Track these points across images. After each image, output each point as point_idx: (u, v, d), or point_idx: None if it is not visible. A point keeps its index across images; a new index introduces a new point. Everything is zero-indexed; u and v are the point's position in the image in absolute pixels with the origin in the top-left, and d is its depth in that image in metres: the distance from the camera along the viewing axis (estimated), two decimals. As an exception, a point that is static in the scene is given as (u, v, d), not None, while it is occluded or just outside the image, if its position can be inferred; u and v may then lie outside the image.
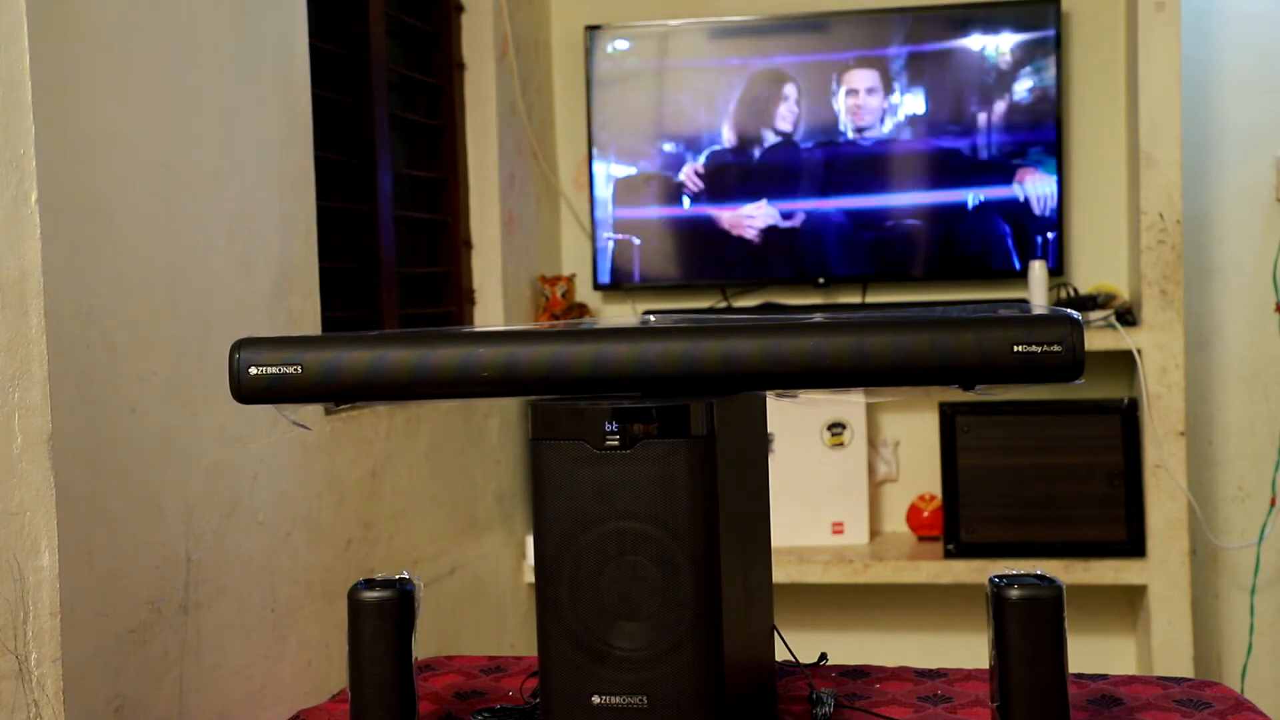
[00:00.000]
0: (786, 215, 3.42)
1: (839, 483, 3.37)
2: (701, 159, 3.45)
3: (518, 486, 3.27)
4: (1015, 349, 1.26)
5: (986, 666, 1.40)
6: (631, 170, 3.49)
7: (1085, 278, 3.40)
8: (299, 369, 1.37)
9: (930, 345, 1.28)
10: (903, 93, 3.38)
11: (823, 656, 1.67)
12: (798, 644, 1.58)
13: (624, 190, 3.50)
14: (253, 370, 1.38)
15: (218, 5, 2.01)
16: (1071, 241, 3.42)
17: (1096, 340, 3.07)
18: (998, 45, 3.33)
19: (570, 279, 3.47)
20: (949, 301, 3.40)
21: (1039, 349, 1.26)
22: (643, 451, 1.26)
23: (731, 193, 3.45)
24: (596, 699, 1.28)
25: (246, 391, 1.39)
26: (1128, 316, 3.15)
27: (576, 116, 3.59)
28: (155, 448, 1.82)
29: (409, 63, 3.03)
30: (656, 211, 3.49)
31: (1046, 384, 1.28)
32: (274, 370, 1.38)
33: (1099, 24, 3.39)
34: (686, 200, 3.47)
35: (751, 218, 3.42)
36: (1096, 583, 3.14)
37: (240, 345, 1.39)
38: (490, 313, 3.20)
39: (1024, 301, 3.23)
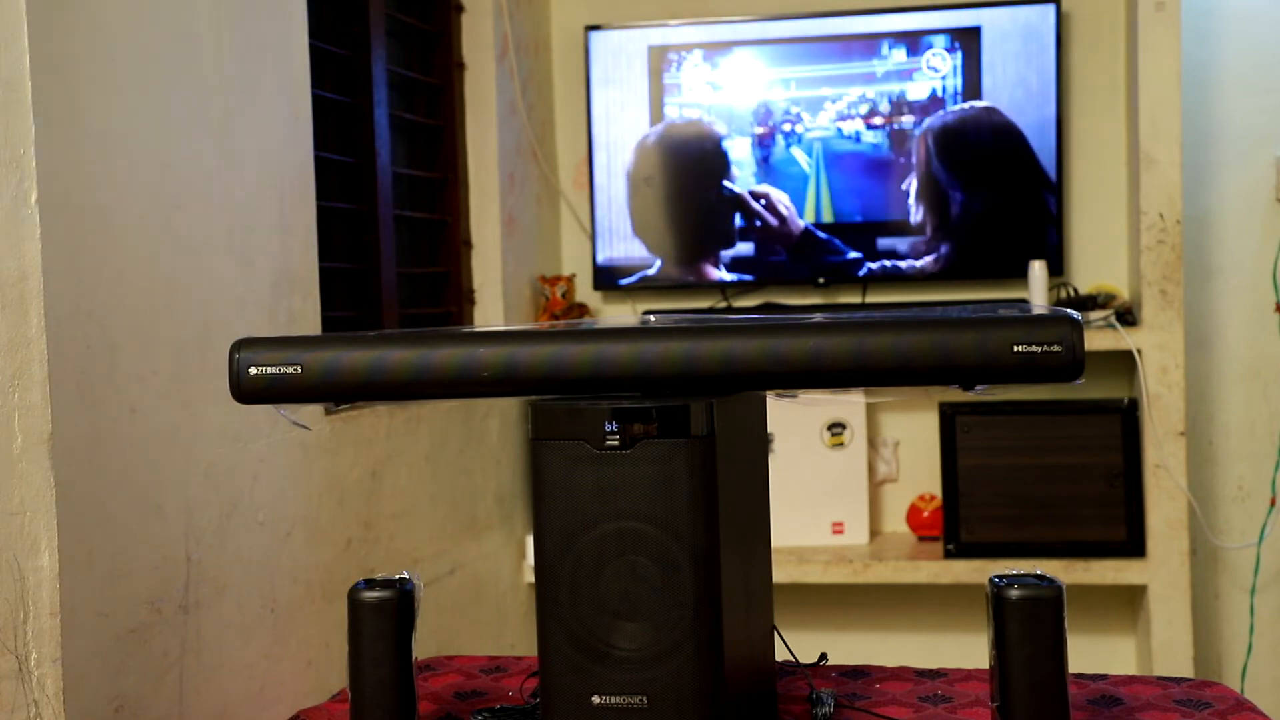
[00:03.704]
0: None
1: (839, 483, 3.37)
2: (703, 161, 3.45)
3: (518, 486, 3.27)
4: (1015, 349, 1.26)
5: (986, 666, 1.40)
6: (631, 170, 3.48)
7: (1085, 278, 3.40)
8: (299, 369, 1.37)
9: (930, 345, 1.28)
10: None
11: (823, 656, 1.67)
12: (798, 644, 1.58)
13: (623, 190, 3.49)
14: (253, 370, 1.38)
15: (218, 5, 2.01)
16: (1071, 241, 3.42)
17: (1096, 340, 3.07)
18: (998, 45, 3.32)
19: (570, 279, 3.47)
20: (949, 301, 3.40)
21: (1039, 349, 1.26)
22: (642, 451, 1.26)
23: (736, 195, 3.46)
24: (596, 699, 1.28)
25: (246, 391, 1.39)
26: (1128, 316, 3.15)
27: (576, 116, 3.59)
28: (155, 448, 1.82)
29: (409, 63, 3.03)
30: (656, 211, 3.49)
31: (1046, 384, 1.28)
32: (274, 370, 1.38)
33: (1099, 24, 3.39)
34: (687, 200, 3.47)
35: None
36: (1096, 583, 3.14)
37: (240, 345, 1.39)
38: (490, 313, 3.20)
39: (1024, 301, 3.23)
